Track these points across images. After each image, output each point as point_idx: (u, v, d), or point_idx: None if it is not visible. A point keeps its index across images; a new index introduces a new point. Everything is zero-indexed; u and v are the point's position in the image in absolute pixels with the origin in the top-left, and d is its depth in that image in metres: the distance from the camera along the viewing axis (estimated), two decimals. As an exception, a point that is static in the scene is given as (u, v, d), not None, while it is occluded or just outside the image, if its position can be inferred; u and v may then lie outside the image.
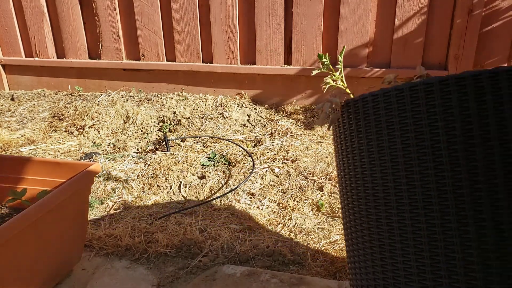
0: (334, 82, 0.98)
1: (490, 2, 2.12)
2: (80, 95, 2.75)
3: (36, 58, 2.85)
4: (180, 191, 1.73)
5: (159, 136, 2.25)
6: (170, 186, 1.76)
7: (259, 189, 1.71)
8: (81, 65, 2.78)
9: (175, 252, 1.36)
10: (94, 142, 2.20)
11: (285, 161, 1.93)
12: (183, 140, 2.18)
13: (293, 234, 1.44)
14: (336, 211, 1.54)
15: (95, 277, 1.26)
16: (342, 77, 0.98)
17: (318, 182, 1.74)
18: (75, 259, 1.30)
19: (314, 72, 1.01)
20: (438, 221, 0.70)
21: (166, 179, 1.81)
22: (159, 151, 2.09)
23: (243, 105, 2.48)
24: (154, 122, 2.35)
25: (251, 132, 2.26)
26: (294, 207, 1.58)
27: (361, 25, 2.28)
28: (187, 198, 1.69)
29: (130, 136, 2.26)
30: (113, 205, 1.64)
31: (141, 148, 2.15)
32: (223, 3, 2.42)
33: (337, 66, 0.98)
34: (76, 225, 1.24)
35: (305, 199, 1.62)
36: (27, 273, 1.08)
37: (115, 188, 1.73)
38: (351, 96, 0.92)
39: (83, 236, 1.30)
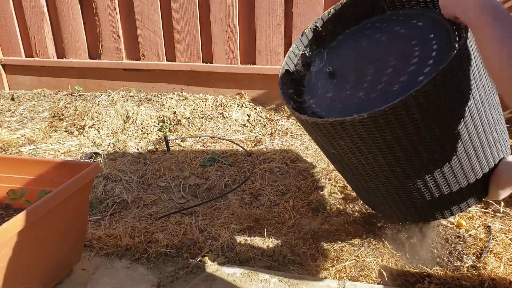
0: None
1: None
2: (80, 95, 2.75)
3: (36, 58, 2.85)
4: (180, 191, 1.73)
5: (159, 136, 2.25)
6: (170, 186, 1.76)
7: (259, 189, 1.71)
8: (81, 65, 2.78)
9: (175, 252, 1.36)
10: (94, 142, 2.20)
11: (285, 161, 1.93)
12: (183, 140, 2.19)
13: (293, 234, 1.44)
14: (336, 211, 1.54)
15: (95, 277, 1.27)
16: None
17: (318, 182, 1.74)
18: (75, 259, 1.30)
19: None
20: None
21: (166, 179, 1.82)
22: (159, 151, 2.09)
23: (243, 105, 2.48)
24: (154, 122, 2.35)
25: (251, 132, 2.26)
26: (294, 207, 1.58)
27: (361, 25, 2.28)
28: (187, 198, 1.69)
29: (130, 136, 2.26)
30: (113, 205, 1.64)
31: (141, 148, 2.15)
32: (223, 3, 2.41)
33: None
34: (76, 225, 1.24)
35: (305, 199, 1.62)
36: (27, 273, 1.08)
37: (115, 188, 1.73)
38: None
39: (83, 236, 1.30)
